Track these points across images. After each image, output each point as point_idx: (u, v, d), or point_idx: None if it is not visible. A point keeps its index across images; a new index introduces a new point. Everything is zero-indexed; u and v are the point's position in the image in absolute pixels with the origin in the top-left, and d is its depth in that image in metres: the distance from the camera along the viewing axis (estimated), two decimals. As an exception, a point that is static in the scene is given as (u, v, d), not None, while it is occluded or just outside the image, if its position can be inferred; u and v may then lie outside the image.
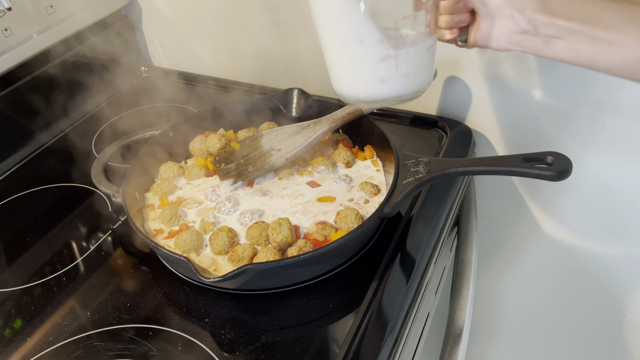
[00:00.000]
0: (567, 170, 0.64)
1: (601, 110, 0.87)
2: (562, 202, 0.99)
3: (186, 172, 0.84)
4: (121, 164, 0.89)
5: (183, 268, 0.70)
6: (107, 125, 1.04)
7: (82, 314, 0.68)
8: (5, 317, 0.69)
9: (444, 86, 0.97)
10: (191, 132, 0.89)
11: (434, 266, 0.75)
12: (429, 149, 0.91)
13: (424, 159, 0.73)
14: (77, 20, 1.02)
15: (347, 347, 0.61)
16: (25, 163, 0.96)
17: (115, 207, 0.84)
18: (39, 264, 0.76)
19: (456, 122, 0.95)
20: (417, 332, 0.77)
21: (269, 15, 1.04)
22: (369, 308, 0.65)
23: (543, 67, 0.87)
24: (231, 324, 0.65)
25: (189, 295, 0.69)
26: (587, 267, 1.04)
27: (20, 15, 0.91)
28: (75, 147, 0.99)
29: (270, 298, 0.68)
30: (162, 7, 1.15)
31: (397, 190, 0.71)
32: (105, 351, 0.63)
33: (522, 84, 0.90)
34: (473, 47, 0.64)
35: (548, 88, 0.89)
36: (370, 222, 0.68)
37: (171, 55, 1.23)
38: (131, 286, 0.72)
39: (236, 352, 0.62)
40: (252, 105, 0.92)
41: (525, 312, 1.20)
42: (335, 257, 0.70)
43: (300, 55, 1.06)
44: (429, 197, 0.81)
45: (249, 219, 0.74)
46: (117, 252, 0.77)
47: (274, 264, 0.63)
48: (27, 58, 0.94)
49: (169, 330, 0.65)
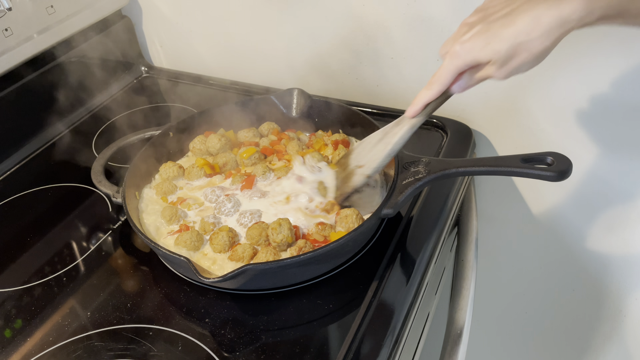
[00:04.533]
0: (567, 170, 0.64)
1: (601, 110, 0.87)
2: (562, 203, 0.99)
3: (186, 172, 0.84)
4: (121, 164, 0.89)
5: (183, 268, 0.70)
6: (107, 125, 1.04)
7: (82, 314, 0.68)
8: (5, 317, 0.69)
9: (444, 86, 0.97)
10: (191, 132, 0.89)
11: (434, 266, 0.75)
12: (429, 149, 0.91)
13: (424, 159, 0.73)
14: (77, 20, 1.02)
15: (347, 347, 0.61)
16: (25, 163, 0.96)
17: (115, 207, 0.84)
18: (39, 264, 0.76)
19: (456, 122, 0.95)
20: (417, 332, 0.77)
21: (269, 15, 1.04)
22: (369, 308, 0.65)
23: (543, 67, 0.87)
24: (231, 324, 0.65)
25: (189, 295, 0.69)
26: (587, 267, 1.04)
27: (20, 15, 0.91)
28: (75, 147, 0.99)
29: (270, 298, 0.68)
30: (162, 7, 1.15)
31: (397, 190, 0.71)
32: (105, 351, 0.63)
33: (522, 84, 0.90)
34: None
35: (548, 88, 0.89)
36: (370, 222, 0.68)
37: (171, 55, 1.23)
38: (131, 286, 0.72)
39: (236, 352, 0.62)
40: (252, 105, 0.92)
41: (526, 312, 1.20)
42: (335, 257, 0.70)
43: (301, 55, 1.06)
44: (429, 197, 0.81)
45: (248, 219, 0.74)
46: (117, 252, 0.77)
47: (274, 264, 0.63)
48: (27, 58, 0.94)
49: (169, 330, 0.65)
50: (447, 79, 0.60)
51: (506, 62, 0.56)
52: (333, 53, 1.03)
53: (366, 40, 0.98)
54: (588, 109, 0.88)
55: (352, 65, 1.03)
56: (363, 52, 1.00)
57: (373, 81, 1.03)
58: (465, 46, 0.56)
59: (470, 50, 0.56)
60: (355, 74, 1.03)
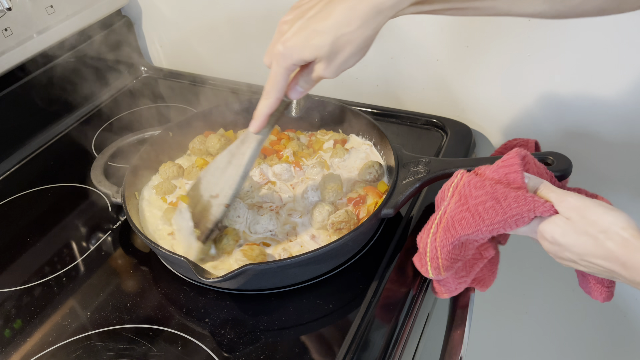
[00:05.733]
0: (567, 170, 0.64)
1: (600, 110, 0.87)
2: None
3: (186, 172, 0.84)
4: (121, 164, 0.89)
5: (183, 268, 0.70)
6: (107, 125, 1.04)
7: (82, 314, 0.68)
8: (5, 317, 0.69)
9: (444, 86, 0.97)
10: (191, 132, 0.89)
11: (434, 266, 0.75)
12: (429, 149, 0.91)
13: (424, 159, 0.73)
14: (77, 20, 1.02)
15: (347, 347, 0.61)
16: (25, 163, 0.96)
17: (115, 207, 0.84)
18: (39, 264, 0.76)
19: (456, 122, 0.95)
20: (417, 332, 0.77)
21: (268, 14, 1.04)
22: (369, 308, 0.65)
23: (543, 67, 0.87)
24: (231, 324, 0.65)
25: (189, 295, 0.69)
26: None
27: (20, 15, 0.91)
28: (75, 147, 0.99)
29: (270, 298, 0.68)
30: (162, 7, 1.15)
31: (397, 190, 0.71)
32: (105, 351, 0.63)
33: (522, 83, 0.90)
34: None
35: (548, 88, 0.89)
36: (370, 222, 0.68)
37: (171, 55, 1.23)
38: (131, 286, 0.72)
39: (236, 352, 0.62)
40: (252, 105, 0.91)
41: (526, 312, 1.20)
42: (335, 257, 0.70)
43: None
44: (429, 197, 0.81)
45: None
46: (117, 252, 0.77)
47: (274, 264, 0.63)
48: (27, 58, 0.94)
49: (169, 331, 0.65)
50: (280, 84, 0.57)
51: (332, 59, 0.54)
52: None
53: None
54: (588, 109, 0.88)
55: (352, 65, 1.03)
56: (363, 52, 1.00)
57: (373, 81, 1.03)
58: (288, 45, 0.54)
59: (293, 48, 0.54)
60: (355, 74, 1.03)
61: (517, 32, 0.85)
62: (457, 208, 0.58)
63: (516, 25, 0.85)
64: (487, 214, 0.55)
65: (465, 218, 0.57)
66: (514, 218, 0.54)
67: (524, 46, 0.86)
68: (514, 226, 0.55)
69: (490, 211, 0.55)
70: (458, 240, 0.58)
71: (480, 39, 0.89)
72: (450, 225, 0.58)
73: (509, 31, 0.86)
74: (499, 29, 0.87)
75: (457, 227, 0.58)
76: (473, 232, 0.57)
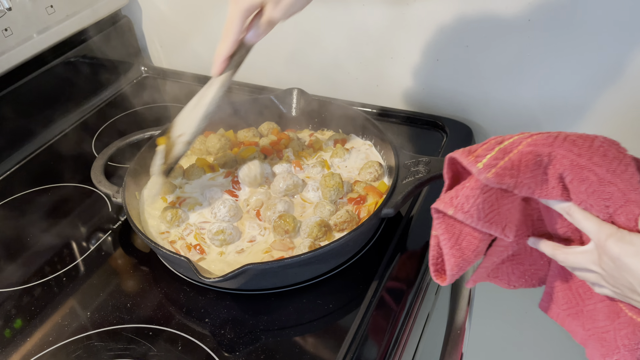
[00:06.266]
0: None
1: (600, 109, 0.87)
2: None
3: (186, 171, 0.84)
4: (121, 164, 0.89)
5: (183, 268, 0.70)
6: (107, 125, 1.04)
7: (82, 314, 0.68)
8: (5, 317, 0.69)
9: (444, 86, 0.97)
10: (191, 132, 0.89)
11: (434, 266, 0.75)
12: (429, 149, 0.91)
13: (424, 159, 0.73)
14: (77, 20, 1.02)
15: (347, 347, 0.61)
16: (25, 163, 0.96)
17: (115, 207, 0.84)
18: (39, 264, 0.76)
19: (456, 122, 0.95)
20: (417, 332, 0.77)
21: (269, 15, 1.04)
22: (369, 308, 0.65)
23: (543, 67, 0.87)
24: (231, 324, 0.65)
25: (189, 295, 0.69)
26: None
27: (20, 15, 0.91)
28: (75, 147, 0.99)
29: (270, 298, 0.68)
30: (162, 7, 1.15)
31: (397, 190, 0.71)
32: (105, 351, 0.63)
33: (522, 83, 0.90)
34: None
35: (548, 88, 0.89)
36: (370, 222, 0.68)
37: (171, 55, 1.23)
38: (131, 286, 0.72)
39: (236, 352, 0.62)
40: (252, 105, 0.92)
41: (526, 312, 1.20)
42: (335, 257, 0.70)
43: (301, 55, 1.06)
44: (429, 197, 0.81)
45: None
46: (117, 252, 0.77)
47: (274, 264, 0.63)
48: (27, 58, 0.94)
49: (169, 330, 0.65)
50: (236, 27, 0.63)
51: (279, 1, 0.60)
52: (333, 53, 1.03)
53: (366, 39, 0.98)
54: (588, 108, 0.88)
55: (352, 65, 1.03)
56: (363, 52, 1.00)
57: (373, 81, 1.03)
58: None
59: None
60: (355, 74, 1.03)
61: (517, 32, 0.85)
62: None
63: (516, 25, 0.85)
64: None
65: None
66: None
67: (523, 46, 0.86)
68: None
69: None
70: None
71: (480, 39, 0.89)
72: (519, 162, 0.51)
73: (509, 31, 0.86)
74: (499, 29, 0.87)
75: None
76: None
